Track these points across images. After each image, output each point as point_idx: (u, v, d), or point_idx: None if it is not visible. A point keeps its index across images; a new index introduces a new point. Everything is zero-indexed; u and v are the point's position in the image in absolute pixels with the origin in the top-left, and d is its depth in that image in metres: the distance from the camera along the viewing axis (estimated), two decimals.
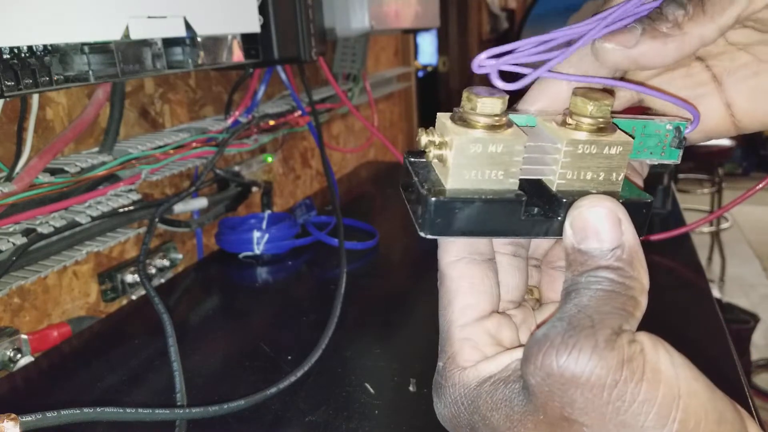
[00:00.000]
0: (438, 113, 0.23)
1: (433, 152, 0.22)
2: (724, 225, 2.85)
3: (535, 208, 0.23)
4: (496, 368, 0.22)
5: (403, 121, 1.54)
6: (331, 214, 0.75)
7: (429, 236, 0.22)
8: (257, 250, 0.68)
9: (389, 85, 1.26)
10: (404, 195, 0.24)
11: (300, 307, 0.59)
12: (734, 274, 2.51)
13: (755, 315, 1.76)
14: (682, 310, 0.55)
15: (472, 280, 0.24)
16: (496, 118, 0.22)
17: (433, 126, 0.23)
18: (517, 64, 0.24)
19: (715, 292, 2.21)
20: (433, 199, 0.21)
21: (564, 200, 0.22)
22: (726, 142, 2.93)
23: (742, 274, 2.53)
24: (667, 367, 0.19)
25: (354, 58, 1.00)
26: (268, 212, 0.75)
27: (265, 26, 0.63)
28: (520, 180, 0.23)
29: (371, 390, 0.44)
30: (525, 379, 0.20)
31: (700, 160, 2.95)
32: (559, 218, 0.22)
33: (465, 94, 0.22)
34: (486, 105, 0.22)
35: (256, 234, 0.68)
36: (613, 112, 0.23)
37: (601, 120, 0.22)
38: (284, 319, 0.56)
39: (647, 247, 0.21)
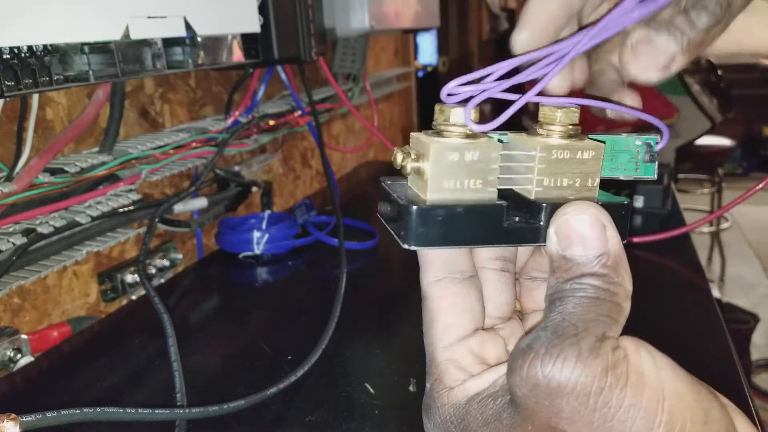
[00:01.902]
0: (412, 133, 0.23)
1: (410, 165, 0.22)
2: (724, 225, 2.85)
3: (517, 216, 0.23)
4: (483, 385, 0.22)
5: (403, 121, 1.54)
6: (331, 214, 0.75)
7: (413, 247, 0.22)
8: (257, 250, 0.68)
9: (389, 85, 1.26)
10: (383, 218, 0.24)
11: (300, 307, 0.59)
12: (734, 274, 2.51)
13: (755, 315, 1.76)
14: (682, 310, 0.55)
15: (453, 299, 0.24)
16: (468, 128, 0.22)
17: (408, 145, 0.24)
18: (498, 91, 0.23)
19: (715, 292, 2.21)
20: (415, 207, 0.21)
21: (544, 204, 0.22)
22: (726, 142, 2.93)
23: (742, 274, 2.53)
24: (650, 370, 0.19)
25: (354, 58, 1.00)
26: (268, 212, 0.75)
27: (265, 26, 0.63)
28: (502, 191, 0.23)
29: (371, 390, 0.44)
30: (511, 391, 0.20)
31: (700, 160, 2.95)
32: (541, 223, 0.22)
33: (437, 107, 0.22)
34: (457, 114, 0.22)
35: (256, 234, 0.68)
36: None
37: (570, 127, 0.23)
38: (284, 319, 0.56)
39: (647, 247, 0.21)
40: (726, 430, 0.19)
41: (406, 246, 0.22)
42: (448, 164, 0.21)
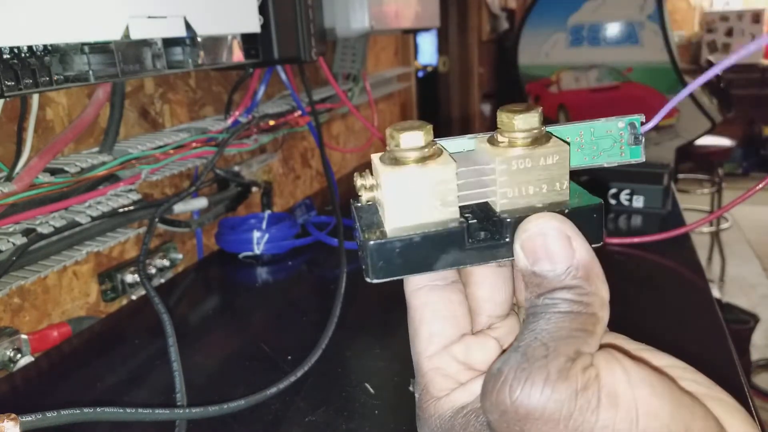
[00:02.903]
0: (372, 155, 0.23)
1: (365, 195, 0.22)
2: (724, 225, 2.85)
3: (482, 233, 0.22)
4: (469, 397, 0.22)
5: (402, 121, 1.53)
6: (331, 214, 0.75)
7: (375, 281, 0.21)
8: (257, 250, 0.68)
9: (389, 85, 1.26)
10: (356, 243, 0.24)
11: (300, 307, 0.59)
12: (734, 274, 2.51)
13: (755, 315, 1.76)
14: (682, 310, 0.55)
15: (434, 306, 0.23)
16: (424, 149, 0.21)
17: (370, 168, 0.23)
18: None
19: (715, 292, 2.21)
20: (371, 243, 0.21)
21: (508, 220, 0.21)
22: (726, 142, 2.93)
23: (742, 274, 2.53)
24: (623, 389, 0.18)
25: (354, 58, 1.00)
26: (268, 212, 0.75)
27: (265, 26, 0.63)
28: (470, 205, 0.23)
29: (371, 390, 0.44)
30: (485, 415, 0.20)
31: (700, 160, 2.95)
32: (507, 239, 0.22)
33: (387, 132, 0.22)
34: (407, 139, 0.21)
35: (256, 234, 0.68)
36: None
37: (532, 131, 0.22)
38: (284, 319, 0.56)
39: (647, 247, 0.21)
40: None
41: (368, 280, 0.21)
42: (403, 192, 0.21)
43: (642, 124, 0.24)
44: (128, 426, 0.40)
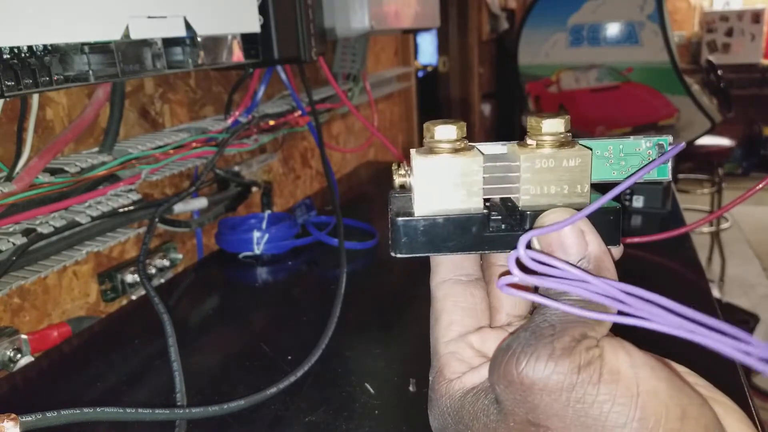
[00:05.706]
0: (411, 149, 0.25)
1: (397, 181, 0.25)
2: (724, 225, 2.85)
3: (502, 224, 0.24)
4: (479, 379, 0.23)
5: (403, 121, 1.54)
6: (331, 214, 0.75)
7: (399, 256, 0.24)
8: (257, 250, 0.68)
9: (389, 85, 1.26)
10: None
11: (300, 307, 0.59)
12: (734, 274, 2.51)
13: (755, 315, 1.76)
14: None
15: (455, 298, 0.25)
16: (456, 143, 0.23)
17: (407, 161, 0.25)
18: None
19: (715, 292, 2.21)
20: (399, 219, 0.23)
21: (528, 213, 0.23)
22: (726, 142, 2.93)
23: (742, 274, 2.53)
24: (626, 368, 0.19)
25: (354, 58, 1.00)
26: (268, 212, 0.75)
27: (265, 26, 0.63)
28: (497, 200, 0.25)
29: (371, 390, 0.44)
30: (492, 388, 0.21)
31: (700, 160, 2.95)
32: (525, 230, 0.23)
33: (425, 126, 0.24)
34: (441, 131, 0.23)
35: (256, 234, 0.68)
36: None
37: (558, 135, 0.23)
38: (284, 319, 0.56)
39: (647, 247, 0.21)
40: (705, 426, 0.19)
41: (393, 254, 0.24)
42: (431, 179, 0.23)
43: (670, 144, 0.26)
44: (128, 426, 0.40)
